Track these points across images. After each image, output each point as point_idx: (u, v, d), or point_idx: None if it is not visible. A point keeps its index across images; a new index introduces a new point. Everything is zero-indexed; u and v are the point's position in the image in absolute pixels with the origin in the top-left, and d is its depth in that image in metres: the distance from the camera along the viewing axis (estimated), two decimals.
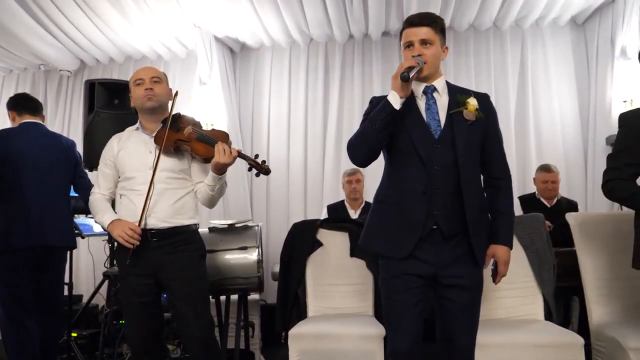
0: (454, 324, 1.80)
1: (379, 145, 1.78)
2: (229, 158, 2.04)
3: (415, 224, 1.75)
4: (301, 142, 5.18)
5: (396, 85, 1.70)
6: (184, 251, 2.14)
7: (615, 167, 2.00)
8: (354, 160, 1.84)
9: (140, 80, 2.20)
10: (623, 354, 2.15)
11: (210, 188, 2.14)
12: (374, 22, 4.83)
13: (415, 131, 1.77)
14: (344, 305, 2.86)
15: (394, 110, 1.70)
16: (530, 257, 2.63)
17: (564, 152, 4.77)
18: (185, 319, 2.13)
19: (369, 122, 1.76)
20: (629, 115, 2.07)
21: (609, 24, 4.51)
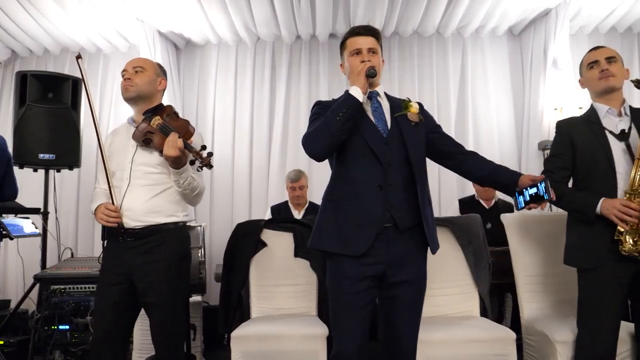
0: (399, 320, 1.84)
1: (339, 137, 1.78)
2: (175, 150, 1.96)
3: (374, 219, 1.78)
4: (246, 141, 5.13)
5: (361, 81, 1.78)
6: (157, 252, 2.04)
7: (549, 171, 2.15)
8: (311, 153, 1.83)
9: (124, 72, 2.15)
10: (551, 347, 2.28)
11: (176, 184, 2.07)
12: (321, 23, 4.86)
13: (367, 131, 1.84)
14: (288, 305, 2.85)
15: (358, 102, 1.76)
16: (468, 256, 2.74)
17: (500, 156, 5.00)
18: (152, 323, 2.06)
19: (332, 114, 1.77)
20: (563, 123, 2.22)
21: (542, 35, 4.77)
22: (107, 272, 2.08)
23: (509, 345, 2.31)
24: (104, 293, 2.06)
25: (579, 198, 2.06)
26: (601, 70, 2.08)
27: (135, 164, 2.06)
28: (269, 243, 2.94)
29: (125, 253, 2.04)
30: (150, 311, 2.08)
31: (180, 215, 2.15)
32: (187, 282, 2.18)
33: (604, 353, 2.00)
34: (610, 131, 2.05)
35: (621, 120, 2.08)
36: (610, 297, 1.99)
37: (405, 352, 1.86)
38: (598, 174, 2.03)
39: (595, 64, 2.11)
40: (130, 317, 2.12)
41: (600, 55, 2.11)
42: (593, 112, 2.14)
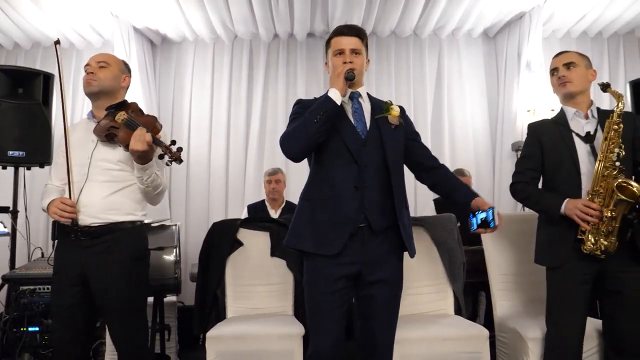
0: (375, 320, 1.86)
1: (316, 139, 1.79)
2: (143, 144, 1.90)
3: (347, 220, 1.80)
4: (223, 140, 5.09)
5: (339, 84, 1.78)
6: (115, 252, 1.99)
7: (519, 172, 2.22)
8: (288, 154, 1.85)
9: (87, 66, 2.11)
10: (523, 344, 2.33)
11: (139, 180, 2.01)
12: (299, 22, 4.85)
13: (345, 132, 1.85)
14: (264, 305, 2.84)
15: (336, 105, 1.77)
16: (443, 255, 2.77)
17: (475, 156, 5.08)
18: (112, 327, 2.02)
19: (310, 115, 1.78)
20: (534, 126, 2.29)
21: (516, 38, 4.86)
22: (62, 273, 2.01)
23: (483, 343, 2.35)
24: (61, 295, 2.00)
25: (545, 198, 2.12)
26: (559, 77, 2.16)
27: (95, 159, 2.01)
28: (245, 242, 2.92)
29: (79, 253, 1.97)
30: (107, 315, 2.02)
31: (139, 215, 2.10)
32: (145, 283, 2.12)
33: (571, 348, 2.06)
34: (577, 133, 2.12)
35: (588, 123, 2.14)
36: (575, 295, 2.04)
37: (381, 351, 1.87)
38: (564, 174, 2.09)
39: (555, 71, 2.19)
40: (90, 320, 2.07)
41: (559, 62, 2.19)
42: (562, 114, 2.21)
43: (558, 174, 2.12)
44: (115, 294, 1.97)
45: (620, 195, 1.91)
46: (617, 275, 2.02)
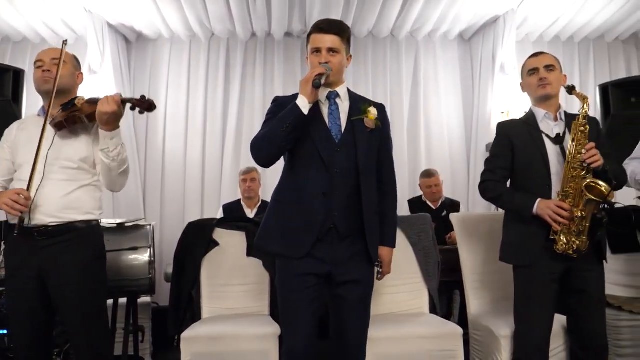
0: (347, 320, 1.87)
1: (284, 147, 1.80)
2: (112, 105, 1.86)
3: (313, 224, 1.80)
4: (199, 139, 5.04)
5: (306, 91, 1.73)
6: (74, 253, 1.93)
7: (489, 170, 2.23)
8: (257, 160, 1.85)
9: (41, 62, 2.03)
10: (495, 341, 2.37)
11: (105, 153, 1.93)
12: (277, 22, 4.84)
13: (317, 135, 1.83)
14: (240, 305, 2.82)
15: (302, 114, 1.74)
16: (418, 254, 2.81)
17: (450, 157, 5.15)
18: (72, 331, 1.96)
19: (277, 123, 1.77)
20: (504, 125, 2.31)
21: (491, 41, 4.95)
22: (17, 275, 1.93)
23: (457, 341, 2.39)
24: (18, 299, 1.94)
25: (516, 198, 2.14)
26: (540, 79, 2.16)
27: (52, 157, 1.94)
28: (221, 242, 2.90)
29: (36, 253, 1.90)
30: (66, 317, 1.96)
31: (97, 214, 2.05)
32: (104, 283, 2.07)
33: (538, 345, 2.10)
34: (547, 134, 2.15)
35: (557, 125, 2.18)
36: (543, 293, 2.08)
37: (354, 350, 1.88)
38: (534, 175, 2.12)
39: (535, 71, 2.18)
40: (50, 323, 2.01)
41: (540, 63, 2.19)
42: (531, 115, 2.22)
43: (528, 174, 2.14)
44: (75, 295, 1.91)
45: (589, 195, 1.95)
46: (582, 274, 2.07)
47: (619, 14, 4.80)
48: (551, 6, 4.68)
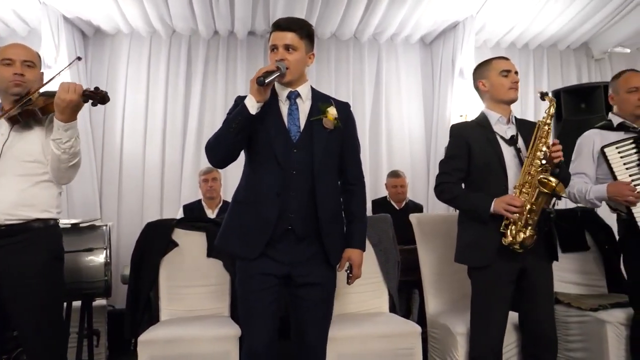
0: (307, 321, 1.87)
1: (235, 148, 1.79)
2: (73, 94, 1.77)
3: (266, 224, 1.79)
4: (159, 137, 4.93)
5: (253, 89, 1.71)
6: (31, 252, 1.85)
7: (445, 172, 2.26)
8: (211, 161, 1.85)
9: (10, 61, 1.91)
10: (452, 339, 2.44)
11: (57, 144, 1.83)
12: (240, 20, 4.79)
13: (275, 135, 1.81)
14: (200, 307, 2.78)
15: (249, 114, 1.72)
16: (378, 254, 2.84)
17: (411, 159, 5.25)
18: (26, 336, 1.88)
19: (226, 124, 1.76)
20: (458, 127, 2.35)
21: (451, 46, 5.07)
22: None
23: (415, 339, 2.43)
24: None
25: (473, 199, 2.18)
26: (514, 82, 2.21)
27: (7, 152, 1.86)
28: (181, 243, 2.85)
29: None
30: (20, 321, 1.88)
31: (54, 212, 1.98)
32: (62, 285, 2.00)
33: (493, 343, 2.16)
34: (502, 136, 2.21)
35: (509, 128, 2.24)
36: (499, 293, 2.14)
37: (314, 350, 1.89)
38: (492, 176, 2.16)
39: (508, 74, 2.21)
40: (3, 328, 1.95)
41: (512, 67, 2.23)
42: (484, 118, 2.26)
43: (486, 175, 2.18)
44: (31, 297, 1.84)
45: (541, 188, 2.01)
46: (534, 272, 2.15)
47: (570, 24, 5.03)
48: (508, 14, 4.85)
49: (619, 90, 2.44)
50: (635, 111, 2.39)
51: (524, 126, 2.26)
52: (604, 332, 2.47)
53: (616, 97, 2.45)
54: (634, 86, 2.39)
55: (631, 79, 2.43)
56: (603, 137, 2.41)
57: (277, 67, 1.74)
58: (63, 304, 2.06)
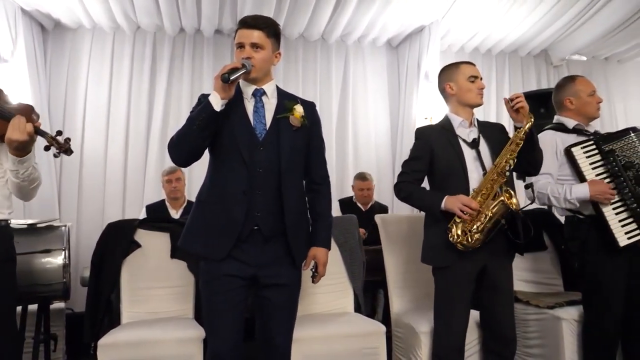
0: (272, 322, 1.86)
1: (199, 145, 1.76)
2: (23, 134, 1.71)
3: (233, 224, 1.76)
4: (122, 135, 4.81)
5: (217, 86, 1.69)
6: None
7: (404, 172, 2.32)
8: (175, 160, 1.81)
9: None
10: (416, 337, 2.48)
11: (14, 174, 1.80)
12: (207, 18, 4.73)
13: (240, 133, 1.79)
14: (163, 309, 2.73)
15: (213, 111, 1.69)
16: (344, 255, 2.86)
17: (377, 160, 5.31)
18: None
19: (189, 121, 1.73)
20: (422, 130, 2.40)
21: (417, 49, 5.15)
22: None
23: (380, 338, 2.46)
24: None
25: (426, 195, 2.25)
26: (480, 88, 2.27)
27: None
28: (144, 244, 2.79)
29: None
30: None
31: (6, 213, 1.91)
32: (13, 288, 1.93)
33: (455, 341, 2.22)
34: (464, 139, 2.27)
35: (471, 131, 2.30)
36: (461, 292, 2.20)
37: (279, 352, 1.88)
38: (453, 178, 2.22)
39: (475, 79, 2.27)
40: None
41: (479, 73, 2.29)
42: (447, 121, 2.32)
43: (448, 177, 2.23)
44: None
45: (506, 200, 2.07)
46: (495, 271, 2.22)
47: (531, 31, 5.20)
48: (472, 20, 4.97)
49: (579, 93, 2.52)
50: (595, 114, 2.51)
51: (486, 128, 2.33)
52: (559, 328, 2.56)
53: (576, 100, 2.52)
54: (593, 90, 2.51)
55: (589, 83, 2.53)
56: (562, 139, 2.49)
57: (243, 64, 1.73)
58: (16, 308, 1.97)
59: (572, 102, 2.54)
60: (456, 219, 2.12)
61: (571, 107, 2.54)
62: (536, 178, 2.42)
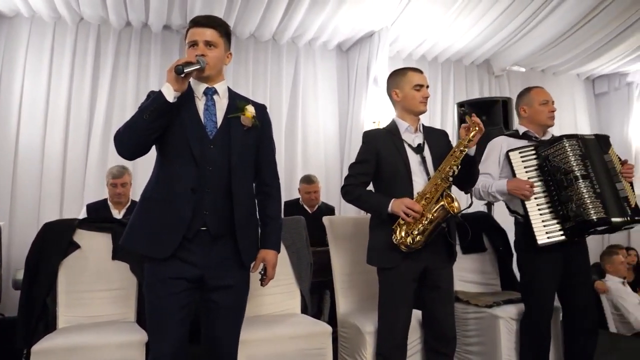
0: (219, 325, 1.84)
1: (148, 137, 1.72)
2: None
3: (180, 222, 1.73)
4: (61, 131, 4.58)
5: (170, 78, 1.67)
6: None
7: (351, 175, 2.37)
8: (120, 152, 1.76)
9: None
10: (362, 338, 2.52)
11: None
12: (156, 12, 4.61)
13: (190, 130, 1.77)
14: (103, 312, 2.63)
15: (166, 101, 1.67)
16: (291, 256, 2.87)
17: (325, 162, 5.36)
18: None
19: (139, 112, 1.69)
20: (369, 134, 2.45)
21: (366, 54, 5.24)
22: None
23: (326, 339, 2.48)
24: None
25: (373, 198, 2.31)
26: (424, 96, 2.34)
27: None
28: (83, 244, 2.68)
29: None
30: None
31: None
32: None
33: (398, 340, 2.29)
34: (409, 144, 2.34)
35: (417, 136, 2.38)
36: (404, 292, 2.27)
37: (225, 356, 1.86)
38: (399, 182, 2.29)
39: (421, 88, 2.33)
40: None
41: (425, 81, 2.36)
42: (394, 126, 2.39)
43: (393, 181, 2.30)
44: None
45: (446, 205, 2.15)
46: (436, 272, 2.30)
47: (475, 41, 5.43)
48: (420, 28, 5.13)
49: (532, 103, 2.68)
50: (547, 122, 2.66)
51: (431, 134, 2.42)
52: (497, 326, 2.69)
53: (529, 109, 2.68)
54: (546, 99, 2.65)
55: (542, 93, 2.69)
56: (509, 143, 2.66)
57: (197, 60, 1.72)
58: None
59: (525, 111, 2.70)
60: (400, 221, 2.19)
61: (524, 115, 2.71)
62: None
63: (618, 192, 2.44)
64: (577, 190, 2.39)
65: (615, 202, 2.41)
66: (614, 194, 2.43)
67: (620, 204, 2.41)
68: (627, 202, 2.43)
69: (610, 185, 2.44)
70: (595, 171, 2.43)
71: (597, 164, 2.45)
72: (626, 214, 2.40)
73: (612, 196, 2.41)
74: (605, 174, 2.45)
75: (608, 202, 2.39)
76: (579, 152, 2.45)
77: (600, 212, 2.36)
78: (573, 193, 2.40)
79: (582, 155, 2.45)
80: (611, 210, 2.38)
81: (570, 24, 4.96)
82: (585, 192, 2.38)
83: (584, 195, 2.38)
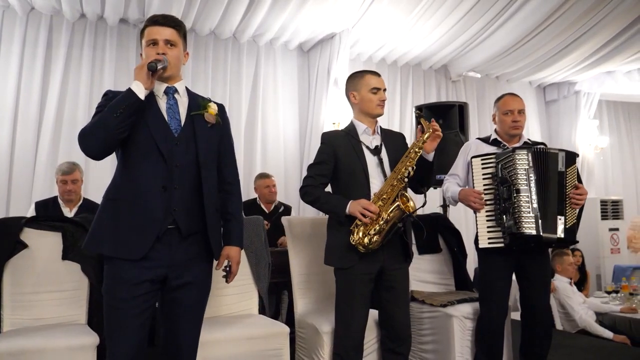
0: (180, 324, 1.81)
1: (119, 135, 1.68)
2: None
3: (153, 221, 1.71)
4: (8, 126, 4.38)
5: (142, 76, 1.67)
6: None
7: (310, 176, 2.37)
8: (87, 151, 1.72)
9: None
10: (319, 337, 2.53)
11: None
12: (112, 5, 4.48)
13: (156, 129, 1.75)
14: (52, 314, 2.52)
15: (138, 99, 1.66)
16: (250, 256, 2.85)
17: (284, 162, 5.35)
18: None
19: (109, 110, 1.66)
20: (328, 135, 2.46)
21: (327, 56, 5.28)
22: None
23: (284, 339, 2.48)
24: None
25: (331, 200, 2.32)
26: (381, 99, 2.36)
27: None
28: (31, 244, 2.56)
29: None
30: None
31: None
32: None
33: (355, 340, 2.31)
34: (367, 146, 2.37)
35: (374, 138, 2.42)
36: (360, 292, 2.30)
37: (185, 355, 1.84)
38: (356, 183, 2.31)
39: (377, 91, 2.36)
40: None
41: (382, 85, 2.39)
42: (352, 128, 2.42)
43: (350, 182, 2.32)
44: None
45: (401, 205, 2.20)
46: (392, 272, 2.34)
47: (433, 47, 5.58)
48: (380, 32, 5.21)
49: (498, 111, 2.77)
50: (509, 131, 2.71)
51: (388, 136, 2.46)
52: (450, 325, 2.76)
53: (497, 117, 2.78)
54: (509, 109, 2.70)
55: (507, 102, 2.73)
56: (478, 148, 2.76)
57: (162, 58, 1.73)
58: None
59: (494, 119, 2.81)
60: (358, 222, 2.21)
61: (494, 123, 2.82)
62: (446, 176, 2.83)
63: (557, 209, 2.45)
64: (516, 203, 2.44)
65: (550, 219, 2.43)
66: (552, 211, 2.45)
67: (554, 222, 2.44)
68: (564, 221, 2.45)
69: (553, 201, 2.46)
70: (538, 185, 2.45)
71: (543, 179, 2.47)
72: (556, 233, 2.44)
73: (548, 213, 2.44)
74: (551, 190, 2.47)
75: (542, 218, 2.42)
76: (525, 165, 2.47)
77: (531, 228, 2.41)
78: (510, 205, 2.45)
79: (527, 168, 2.47)
80: (543, 227, 2.42)
81: (523, 34, 5.17)
82: (523, 206, 2.43)
83: (521, 209, 2.43)
